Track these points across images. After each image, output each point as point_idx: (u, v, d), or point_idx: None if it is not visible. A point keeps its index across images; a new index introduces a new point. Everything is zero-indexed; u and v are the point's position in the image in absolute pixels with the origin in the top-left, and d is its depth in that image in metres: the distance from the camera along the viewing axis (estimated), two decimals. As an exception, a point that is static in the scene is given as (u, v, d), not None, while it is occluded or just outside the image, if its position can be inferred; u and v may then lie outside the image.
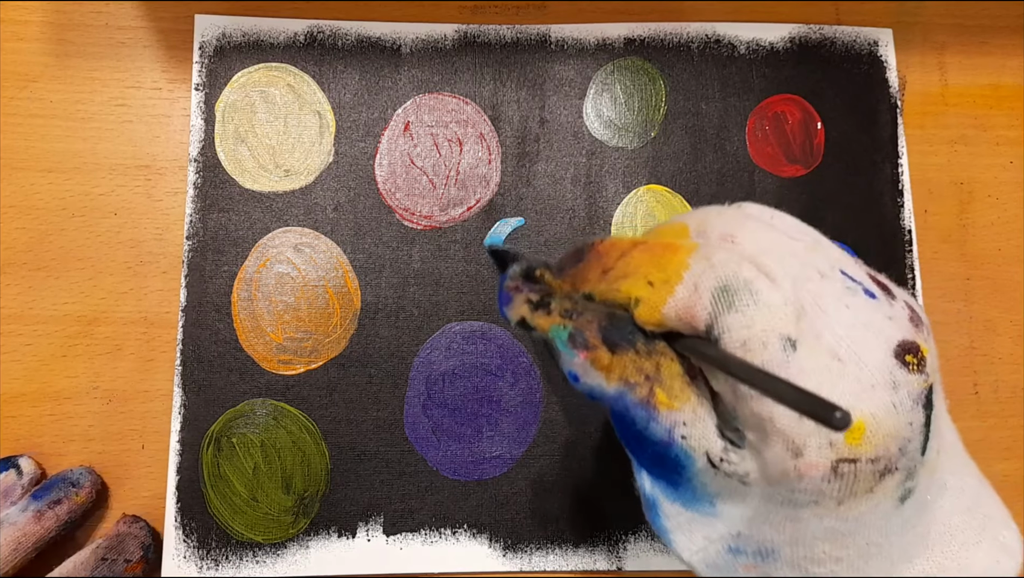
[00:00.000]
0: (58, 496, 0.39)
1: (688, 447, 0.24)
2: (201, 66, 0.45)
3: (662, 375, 0.25)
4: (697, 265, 0.24)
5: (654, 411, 0.24)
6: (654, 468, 0.26)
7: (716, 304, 0.23)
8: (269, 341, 0.43)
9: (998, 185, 0.47)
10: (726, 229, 0.26)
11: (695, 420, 0.24)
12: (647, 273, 0.25)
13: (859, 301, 0.24)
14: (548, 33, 0.46)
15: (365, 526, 0.41)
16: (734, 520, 0.25)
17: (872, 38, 0.47)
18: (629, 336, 0.25)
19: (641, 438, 0.25)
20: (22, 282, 0.43)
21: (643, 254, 0.25)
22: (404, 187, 0.45)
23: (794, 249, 0.25)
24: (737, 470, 0.24)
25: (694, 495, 0.26)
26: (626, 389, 0.25)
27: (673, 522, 0.26)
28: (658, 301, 0.24)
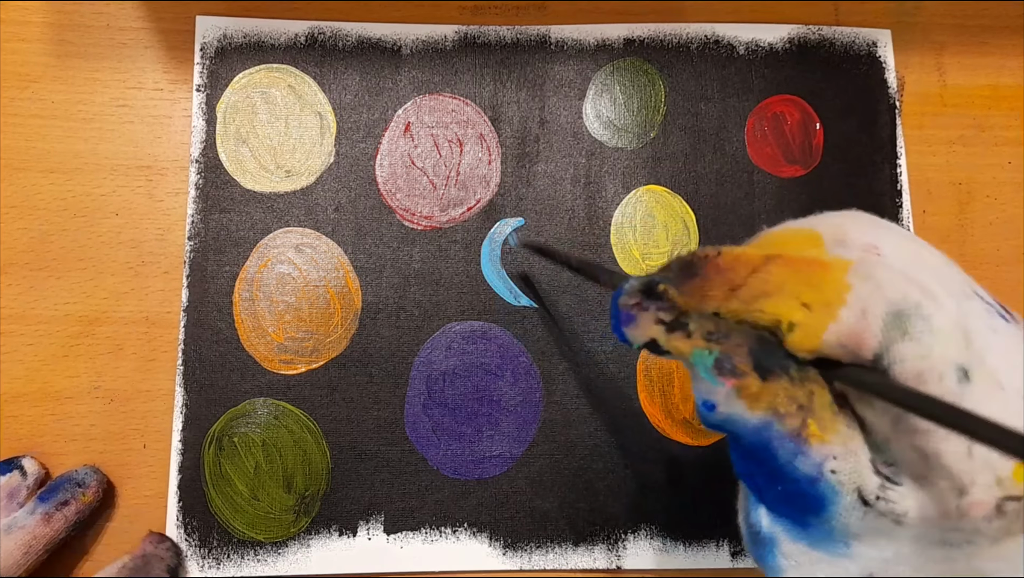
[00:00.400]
0: (65, 497, 0.39)
1: (837, 482, 0.22)
2: (202, 67, 0.45)
3: (815, 405, 0.22)
4: (862, 286, 0.22)
5: (805, 444, 0.22)
6: (783, 505, 0.24)
7: (888, 331, 0.21)
8: (270, 341, 0.43)
9: (997, 185, 0.47)
10: (868, 239, 0.24)
11: (846, 454, 0.22)
12: (798, 293, 0.22)
13: (999, 324, 0.23)
14: (548, 34, 0.46)
15: (366, 525, 0.42)
16: (868, 561, 0.23)
17: (871, 39, 0.47)
18: (784, 361, 0.22)
19: (778, 473, 0.23)
20: (23, 282, 0.43)
21: (785, 270, 0.22)
22: (405, 188, 0.45)
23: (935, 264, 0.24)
24: (895, 509, 0.22)
25: (829, 536, 0.23)
26: (774, 419, 0.22)
27: (792, 561, 0.24)
28: (818, 327, 0.22)
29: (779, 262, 0.23)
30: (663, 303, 0.24)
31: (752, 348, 0.23)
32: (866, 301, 0.21)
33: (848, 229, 0.24)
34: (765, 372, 0.22)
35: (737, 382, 0.23)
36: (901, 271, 0.22)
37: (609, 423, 0.43)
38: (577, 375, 0.43)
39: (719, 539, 0.42)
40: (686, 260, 0.24)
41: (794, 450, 0.22)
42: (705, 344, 0.23)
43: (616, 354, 0.43)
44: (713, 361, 0.23)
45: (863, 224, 0.25)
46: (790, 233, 0.25)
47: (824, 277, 0.22)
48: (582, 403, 0.43)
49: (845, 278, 0.22)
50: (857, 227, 0.24)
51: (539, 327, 0.44)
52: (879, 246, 0.23)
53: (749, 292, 0.22)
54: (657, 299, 0.24)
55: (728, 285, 0.23)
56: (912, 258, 0.23)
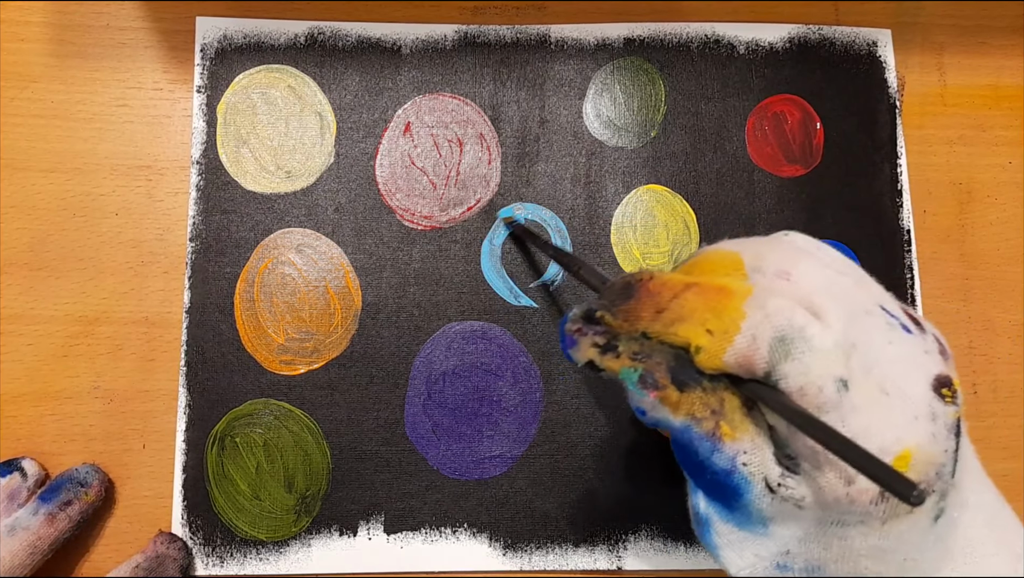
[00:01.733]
0: (68, 497, 0.39)
1: (748, 473, 0.26)
2: (203, 68, 0.45)
3: (725, 409, 0.26)
4: (753, 315, 0.26)
5: (719, 442, 0.26)
6: (712, 492, 0.28)
7: (773, 353, 0.25)
8: (271, 341, 0.43)
9: (997, 185, 0.47)
10: (782, 265, 0.27)
11: (754, 449, 0.26)
12: (704, 320, 0.26)
13: (899, 336, 0.26)
14: (548, 33, 0.46)
15: (366, 525, 0.42)
16: (785, 539, 0.27)
17: (871, 38, 0.47)
18: (696, 376, 0.27)
19: (702, 466, 0.27)
20: (23, 282, 0.43)
21: (697, 298, 0.27)
22: (404, 187, 0.45)
23: (843, 286, 0.27)
24: (793, 495, 0.26)
25: (749, 518, 0.27)
26: (692, 423, 0.26)
27: (724, 540, 0.28)
28: (718, 350, 0.26)
29: (695, 290, 0.27)
30: (599, 327, 0.28)
31: (670, 365, 0.27)
32: (756, 328, 0.25)
33: (766, 255, 0.28)
34: (682, 384, 0.27)
35: (658, 394, 0.27)
36: (798, 296, 0.26)
37: (609, 423, 0.43)
38: (577, 375, 0.43)
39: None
40: (627, 281, 0.28)
41: (710, 448, 0.26)
42: (631, 363, 0.27)
43: (616, 354, 0.43)
44: (638, 377, 0.27)
45: (783, 251, 0.28)
46: (717, 256, 0.29)
47: (726, 306, 0.26)
48: (582, 403, 0.43)
49: (742, 307, 0.26)
50: (775, 253, 0.28)
51: (539, 327, 0.44)
52: (791, 272, 0.27)
53: (669, 316, 0.27)
54: (595, 323, 0.28)
55: (655, 308, 0.27)
56: (818, 283, 0.27)
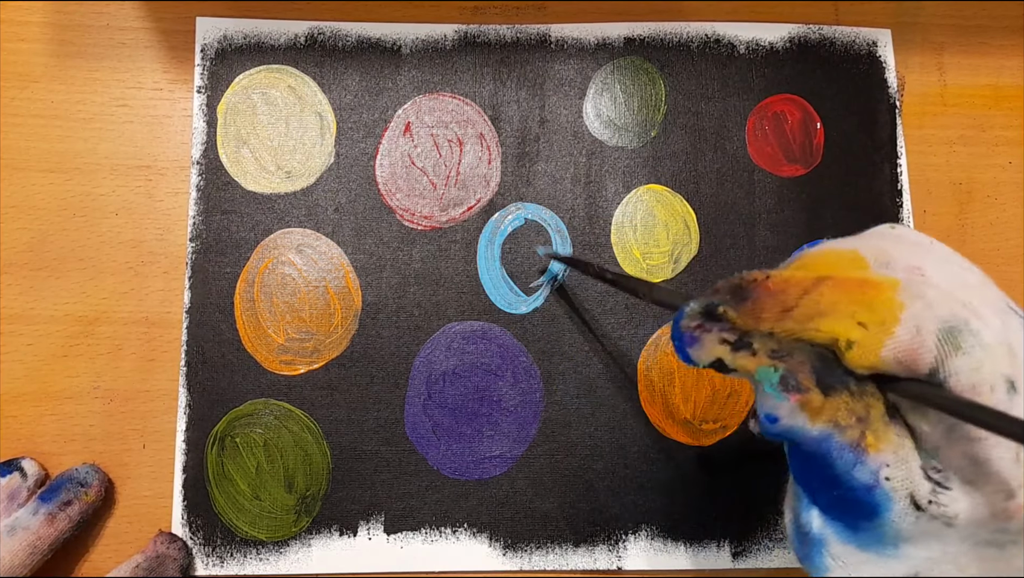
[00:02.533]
0: (68, 497, 0.39)
1: (891, 489, 0.23)
2: (203, 68, 0.45)
3: (871, 417, 0.24)
4: (914, 305, 0.23)
5: (863, 454, 0.24)
6: (835, 509, 0.25)
7: (942, 347, 0.22)
8: (271, 341, 0.43)
9: (997, 185, 0.47)
10: (911, 261, 0.25)
11: (898, 462, 0.23)
12: (853, 313, 0.23)
13: None
14: (548, 33, 0.46)
15: (366, 525, 0.42)
16: (916, 562, 0.24)
17: (871, 38, 0.47)
18: (843, 377, 0.24)
19: (835, 480, 0.24)
20: (23, 282, 0.43)
21: (836, 291, 0.23)
22: (404, 187, 0.45)
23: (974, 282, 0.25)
24: (946, 512, 0.23)
25: (879, 538, 0.25)
26: (834, 432, 0.24)
27: (839, 562, 0.25)
28: (875, 344, 0.23)
29: (830, 283, 0.24)
30: (725, 324, 0.25)
31: (814, 365, 0.24)
32: (919, 319, 0.22)
33: (891, 250, 0.25)
34: (827, 388, 0.24)
35: (801, 397, 0.24)
36: (947, 290, 0.23)
37: (609, 423, 0.43)
38: (577, 375, 0.43)
39: (720, 539, 0.42)
40: (735, 284, 0.25)
41: (853, 460, 0.23)
42: (770, 362, 0.24)
43: (616, 354, 0.43)
44: (779, 378, 0.24)
45: (905, 245, 0.26)
46: (833, 254, 0.26)
47: (876, 297, 0.23)
48: (582, 403, 0.43)
49: (896, 297, 0.23)
50: (900, 248, 0.25)
51: (539, 327, 0.44)
52: (922, 267, 0.25)
53: (803, 313, 0.23)
54: (717, 321, 0.25)
55: (781, 307, 0.24)
56: (954, 279, 0.24)
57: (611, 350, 0.43)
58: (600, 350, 0.43)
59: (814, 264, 0.26)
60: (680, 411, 0.43)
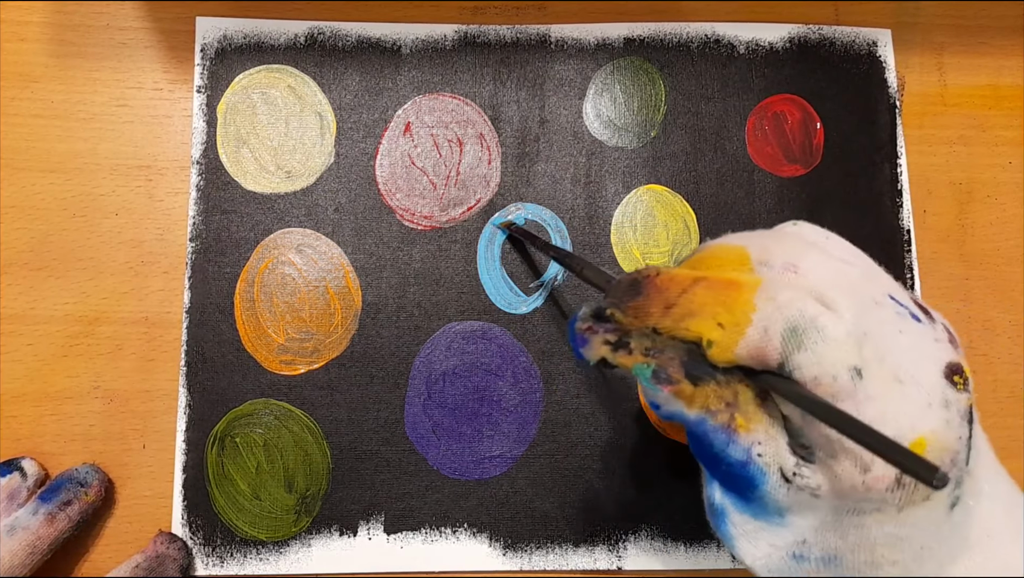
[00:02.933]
0: (68, 497, 0.39)
1: (763, 464, 0.26)
2: (203, 68, 0.45)
3: (739, 401, 0.26)
4: (764, 307, 0.26)
5: (734, 434, 0.26)
6: (727, 483, 0.28)
7: (786, 344, 0.25)
8: (271, 341, 0.43)
9: (997, 185, 0.47)
10: (788, 258, 0.27)
11: (768, 439, 0.26)
12: (714, 313, 0.26)
13: (909, 325, 0.26)
14: (548, 33, 0.46)
15: (366, 525, 0.42)
16: (801, 529, 0.27)
17: (871, 38, 0.47)
18: (709, 369, 0.26)
19: (717, 458, 0.27)
20: (23, 282, 0.43)
21: (707, 292, 0.27)
22: (404, 187, 0.45)
23: (852, 276, 0.27)
24: (809, 484, 0.26)
25: (764, 508, 0.27)
26: (707, 416, 0.26)
27: (739, 530, 0.28)
28: (730, 343, 0.26)
29: (703, 284, 0.27)
30: (610, 325, 0.28)
31: (683, 360, 0.27)
32: (768, 320, 0.25)
33: (773, 248, 0.28)
34: (695, 379, 0.27)
35: (672, 389, 0.27)
36: (808, 288, 0.26)
37: (609, 423, 0.43)
38: (577, 375, 0.43)
39: (720, 539, 0.42)
40: (633, 278, 0.28)
41: (725, 440, 0.26)
42: (644, 359, 0.27)
43: (616, 354, 0.43)
44: (651, 372, 0.27)
45: (789, 243, 0.28)
46: (722, 251, 0.29)
47: (736, 299, 0.26)
48: (582, 403, 0.43)
49: (753, 299, 0.26)
50: (781, 246, 0.28)
51: (539, 327, 0.44)
52: (798, 265, 0.27)
53: (679, 311, 0.27)
54: (605, 321, 0.28)
55: (663, 303, 0.27)
56: (827, 275, 0.27)
57: (611, 350, 0.43)
58: (600, 350, 0.43)
59: (704, 259, 0.29)
60: (680, 411, 0.43)
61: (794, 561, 0.27)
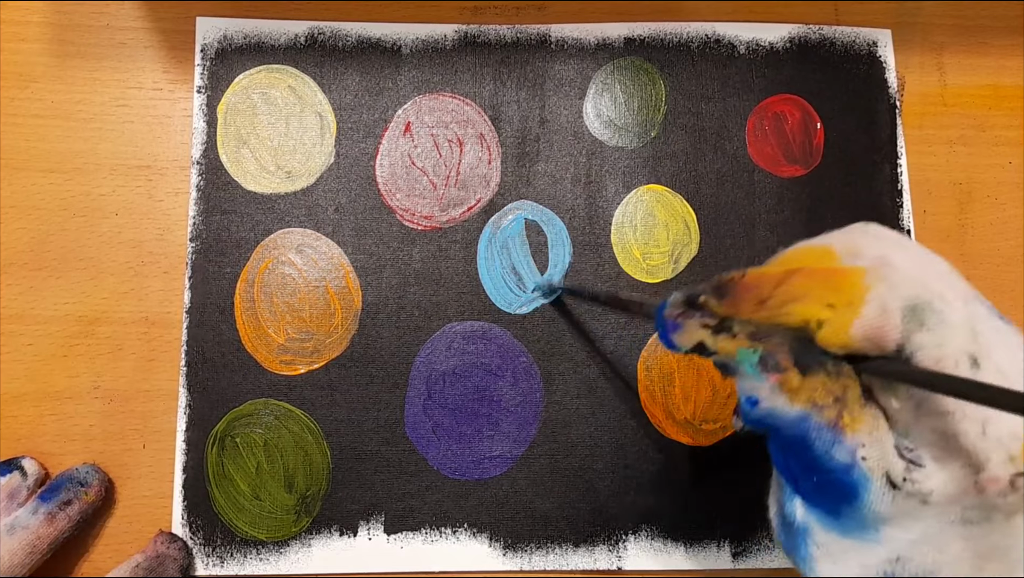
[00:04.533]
0: (68, 497, 0.39)
1: (868, 469, 0.24)
2: (203, 68, 0.45)
3: (847, 397, 0.25)
4: (878, 286, 0.24)
5: (840, 433, 0.24)
6: (818, 495, 0.26)
7: (907, 324, 0.24)
8: (271, 342, 0.43)
9: (997, 185, 0.47)
10: (878, 251, 0.26)
11: (873, 441, 0.24)
12: (822, 296, 0.24)
13: (1000, 325, 0.25)
14: (548, 33, 0.46)
15: (366, 525, 0.42)
16: (897, 545, 0.25)
17: (871, 38, 0.47)
18: (820, 357, 0.25)
19: (814, 463, 0.25)
20: (23, 282, 0.43)
21: (808, 279, 0.25)
22: (405, 188, 0.45)
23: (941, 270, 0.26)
24: (921, 489, 0.24)
25: (860, 523, 0.25)
26: (812, 412, 0.25)
27: (824, 550, 0.26)
28: (844, 323, 0.24)
29: (800, 274, 0.25)
30: (706, 312, 0.26)
31: (792, 346, 0.25)
32: (884, 298, 0.24)
33: (859, 243, 0.27)
34: (805, 368, 0.25)
35: (780, 377, 0.25)
36: (911, 275, 0.25)
37: (609, 423, 0.43)
38: (577, 375, 0.43)
39: (720, 539, 0.42)
40: (715, 284, 0.26)
41: (831, 440, 0.24)
42: (749, 343, 0.25)
43: (616, 354, 0.43)
44: (758, 358, 0.25)
45: (873, 238, 0.27)
46: (805, 251, 0.27)
47: (844, 281, 0.24)
48: (582, 403, 0.43)
49: (863, 281, 0.24)
50: (867, 240, 0.27)
51: (539, 327, 0.44)
52: (889, 256, 0.26)
53: (777, 301, 0.25)
54: (698, 309, 0.26)
55: (756, 299, 0.25)
56: (920, 266, 0.26)
57: (611, 350, 0.43)
58: (600, 350, 0.43)
59: (789, 260, 0.27)
60: (680, 411, 0.43)
61: None
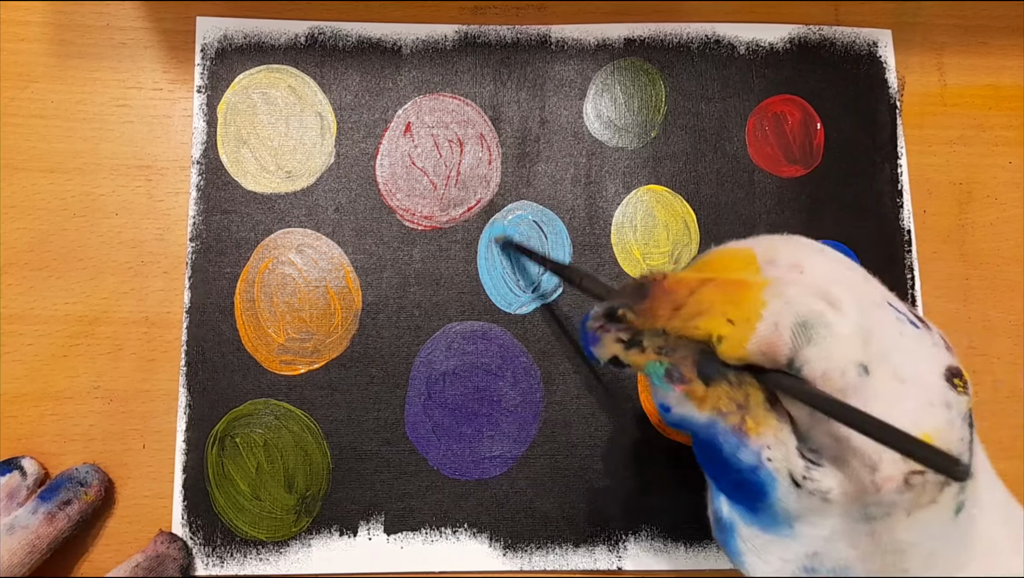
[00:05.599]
0: (68, 496, 0.39)
1: (773, 469, 0.26)
2: (203, 68, 0.45)
3: (750, 403, 0.26)
4: (774, 302, 0.26)
5: (744, 437, 0.26)
6: (735, 493, 0.28)
7: (796, 339, 0.25)
8: (271, 341, 0.43)
9: (997, 185, 0.47)
10: (794, 258, 0.28)
11: (777, 443, 0.26)
12: (724, 311, 0.26)
13: (908, 330, 0.27)
14: (548, 33, 0.46)
15: (366, 525, 0.42)
16: (811, 540, 0.27)
17: (871, 39, 0.47)
18: (721, 369, 0.26)
19: (726, 464, 0.27)
20: (23, 282, 0.43)
21: (715, 291, 0.27)
22: (405, 188, 0.45)
23: (852, 279, 0.28)
24: (820, 487, 0.26)
25: (774, 519, 0.27)
26: (718, 418, 0.27)
27: (748, 545, 0.28)
28: (741, 338, 0.26)
29: (711, 285, 0.27)
30: (621, 324, 0.28)
31: (696, 359, 0.27)
32: (778, 315, 0.25)
33: (779, 249, 0.28)
34: (708, 379, 0.27)
35: (685, 388, 0.27)
36: (813, 286, 0.26)
37: (609, 423, 0.43)
38: (577, 375, 0.43)
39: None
40: (639, 283, 0.28)
41: (736, 444, 0.26)
42: (657, 357, 0.27)
43: (616, 354, 0.43)
44: (664, 371, 0.27)
45: (792, 246, 0.29)
46: (729, 253, 0.29)
47: (745, 296, 0.26)
48: (582, 403, 0.43)
49: (762, 296, 0.26)
50: (787, 248, 0.28)
51: (539, 327, 0.44)
52: (802, 264, 0.27)
53: (688, 311, 0.27)
54: (617, 321, 0.28)
55: (672, 305, 0.27)
56: (830, 275, 0.27)
57: (611, 350, 0.43)
58: (600, 350, 0.43)
59: (710, 262, 0.29)
60: (680, 411, 0.43)
61: (805, 573, 0.27)
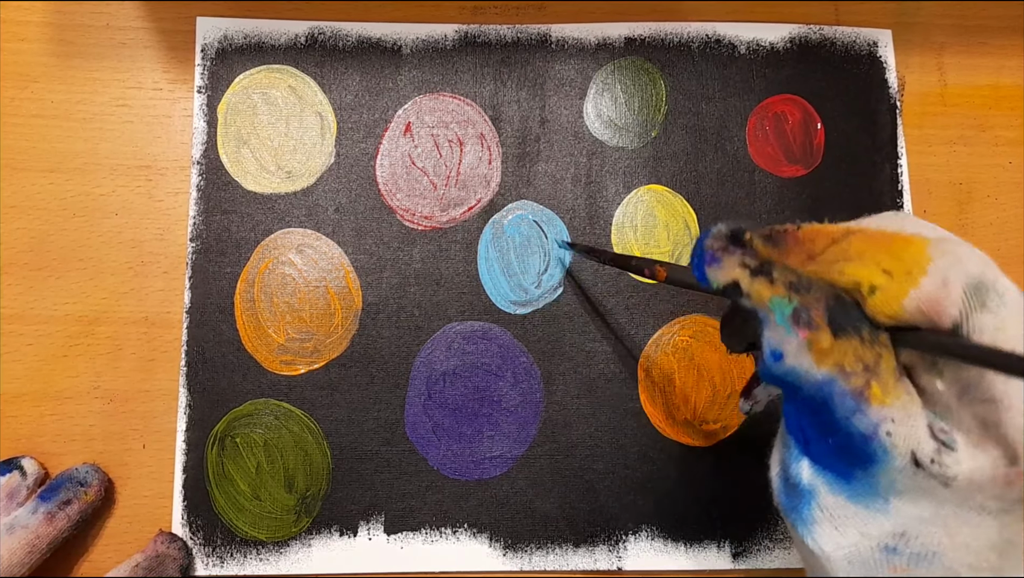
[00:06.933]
0: (68, 496, 0.39)
1: (891, 445, 0.23)
2: (203, 68, 0.45)
3: (880, 368, 0.23)
4: (941, 259, 0.23)
5: (865, 404, 0.23)
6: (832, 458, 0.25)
7: (968, 301, 0.22)
8: (271, 341, 0.43)
9: (997, 185, 0.47)
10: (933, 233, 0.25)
11: (905, 418, 0.23)
12: (879, 260, 0.23)
13: None
14: (548, 33, 0.46)
15: (366, 525, 0.42)
16: (906, 520, 0.24)
17: (871, 39, 0.47)
18: (856, 322, 0.23)
19: (834, 427, 0.24)
20: (23, 282, 0.43)
21: (866, 242, 0.23)
22: (405, 188, 0.45)
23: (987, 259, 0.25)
24: (947, 472, 0.23)
25: (872, 490, 0.24)
26: (838, 377, 0.23)
27: (827, 514, 0.25)
28: (899, 292, 0.22)
29: (859, 235, 0.24)
30: (749, 250, 0.24)
31: (830, 304, 0.23)
32: (947, 272, 0.22)
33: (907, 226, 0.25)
34: (838, 329, 0.23)
35: (810, 334, 0.23)
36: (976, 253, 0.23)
37: (609, 423, 0.43)
38: (577, 375, 0.43)
39: (720, 540, 0.42)
40: (767, 232, 0.25)
41: (853, 408, 0.23)
42: (786, 292, 0.23)
43: (616, 354, 0.43)
44: (791, 310, 0.23)
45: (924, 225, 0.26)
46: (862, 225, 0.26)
47: (905, 248, 0.23)
48: (582, 403, 0.43)
49: (926, 251, 0.23)
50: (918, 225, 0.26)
51: (539, 327, 0.44)
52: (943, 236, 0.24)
53: (827, 258, 0.23)
54: (742, 246, 0.25)
55: (807, 253, 0.24)
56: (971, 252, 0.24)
57: (611, 350, 0.43)
58: (600, 350, 0.43)
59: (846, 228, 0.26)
60: (680, 411, 0.43)
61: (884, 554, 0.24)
